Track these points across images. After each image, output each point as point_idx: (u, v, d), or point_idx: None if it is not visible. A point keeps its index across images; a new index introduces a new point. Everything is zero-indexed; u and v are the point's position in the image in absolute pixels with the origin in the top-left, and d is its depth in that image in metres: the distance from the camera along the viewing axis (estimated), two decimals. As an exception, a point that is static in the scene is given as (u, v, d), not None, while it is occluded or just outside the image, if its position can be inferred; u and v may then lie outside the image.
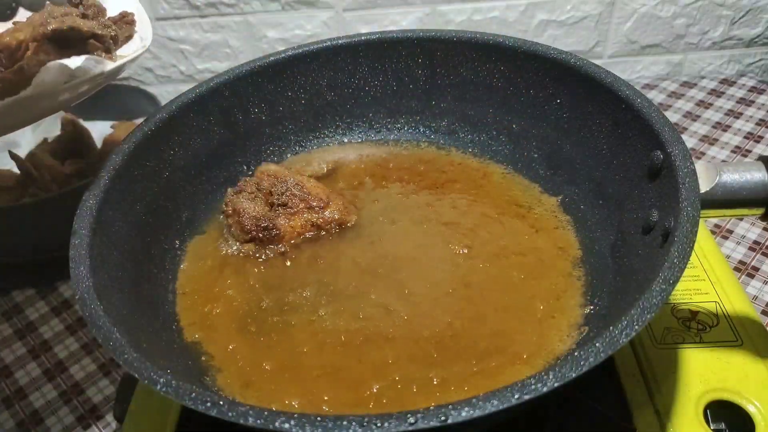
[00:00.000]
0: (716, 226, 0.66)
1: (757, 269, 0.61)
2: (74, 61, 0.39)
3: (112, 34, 0.43)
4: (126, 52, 0.45)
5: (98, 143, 0.71)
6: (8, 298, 0.65)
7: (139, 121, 0.48)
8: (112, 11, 0.47)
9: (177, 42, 0.86)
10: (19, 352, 0.60)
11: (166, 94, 0.91)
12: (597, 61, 0.59)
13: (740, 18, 0.84)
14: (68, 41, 0.40)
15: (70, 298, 0.64)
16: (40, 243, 0.62)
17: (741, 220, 0.66)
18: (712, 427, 0.38)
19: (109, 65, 0.41)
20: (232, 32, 0.85)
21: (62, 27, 0.40)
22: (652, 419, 0.39)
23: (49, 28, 0.39)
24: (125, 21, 0.46)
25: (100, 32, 0.41)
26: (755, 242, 0.64)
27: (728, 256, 0.62)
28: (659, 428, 0.38)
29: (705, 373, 0.41)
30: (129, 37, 0.46)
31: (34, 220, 0.60)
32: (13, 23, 0.45)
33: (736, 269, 0.61)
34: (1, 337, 0.61)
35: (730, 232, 0.65)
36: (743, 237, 0.64)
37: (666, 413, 0.39)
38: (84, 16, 0.43)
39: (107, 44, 0.42)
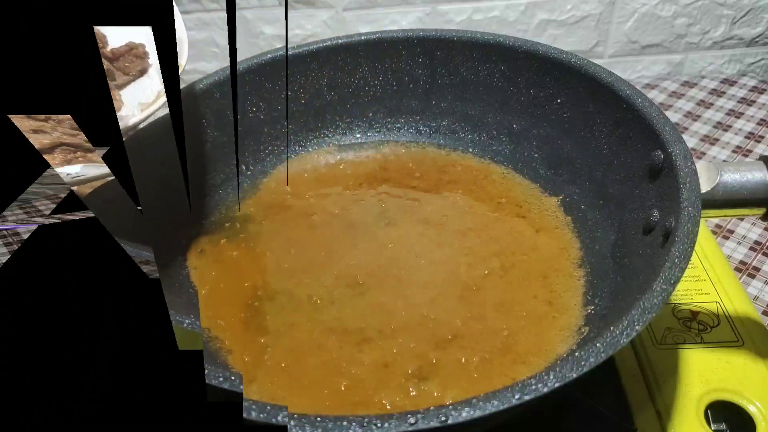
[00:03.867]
0: (717, 226, 0.66)
1: (758, 269, 0.61)
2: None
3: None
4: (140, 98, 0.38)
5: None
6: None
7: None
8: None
9: (177, 42, 0.86)
10: (18, 352, 0.60)
11: (165, 94, 0.91)
12: (597, 61, 0.59)
13: (741, 17, 0.84)
14: None
15: (70, 298, 0.64)
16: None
17: (742, 220, 0.66)
18: (712, 428, 0.38)
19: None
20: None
21: None
22: (652, 419, 0.39)
23: None
24: (134, 54, 0.39)
25: None
26: (756, 242, 0.64)
27: (729, 257, 0.62)
28: (660, 428, 0.38)
29: (706, 373, 0.41)
30: (143, 71, 0.40)
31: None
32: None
33: (737, 269, 0.61)
34: (0, 337, 0.61)
35: (731, 232, 0.65)
36: (744, 237, 0.64)
37: (667, 413, 0.39)
38: None
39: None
